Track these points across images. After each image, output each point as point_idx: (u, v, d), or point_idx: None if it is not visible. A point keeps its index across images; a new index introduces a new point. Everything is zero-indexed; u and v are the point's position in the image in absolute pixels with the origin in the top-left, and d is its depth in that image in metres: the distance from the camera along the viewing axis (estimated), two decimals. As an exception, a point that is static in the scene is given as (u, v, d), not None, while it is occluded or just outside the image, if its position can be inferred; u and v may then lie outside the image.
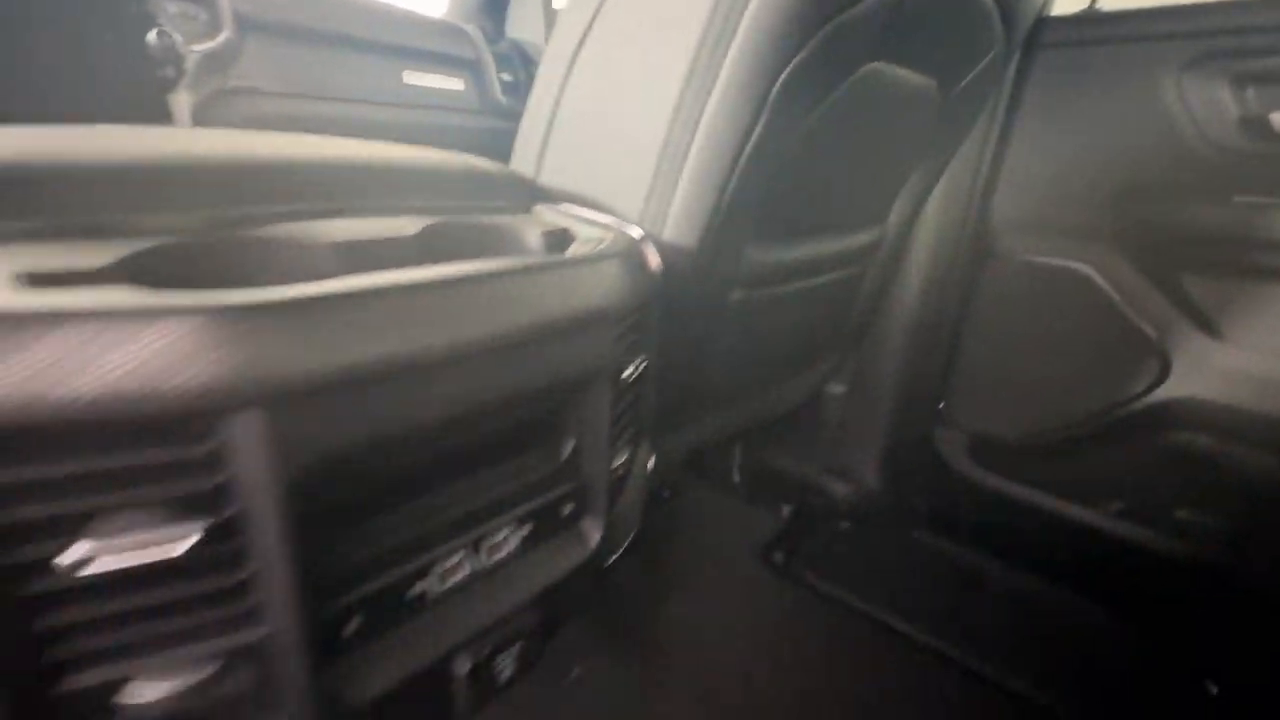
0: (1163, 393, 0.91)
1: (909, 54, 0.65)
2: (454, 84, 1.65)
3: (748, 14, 0.49)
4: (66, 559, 0.23)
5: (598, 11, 0.56)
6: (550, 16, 1.85)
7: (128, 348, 0.22)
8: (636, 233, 0.51)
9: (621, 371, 0.43)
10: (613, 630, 0.88)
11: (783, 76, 0.52)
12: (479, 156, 0.57)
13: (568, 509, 0.43)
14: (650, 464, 0.52)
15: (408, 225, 0.38)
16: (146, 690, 0.27)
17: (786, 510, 1.23)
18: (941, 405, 1.14)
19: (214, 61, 1.16)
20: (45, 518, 0.23)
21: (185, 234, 0.31)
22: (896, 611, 0.98)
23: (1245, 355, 0.86)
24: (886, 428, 1.16)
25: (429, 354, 0.29)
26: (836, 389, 1.18)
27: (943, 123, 0.83)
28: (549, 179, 0.61)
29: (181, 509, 0.25)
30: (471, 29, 1.71)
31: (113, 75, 1.02)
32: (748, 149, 0.55)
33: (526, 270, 0.34)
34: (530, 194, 0.55)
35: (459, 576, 0.37)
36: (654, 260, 0.48)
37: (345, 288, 0.27)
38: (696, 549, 1.11)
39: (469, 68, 1.67)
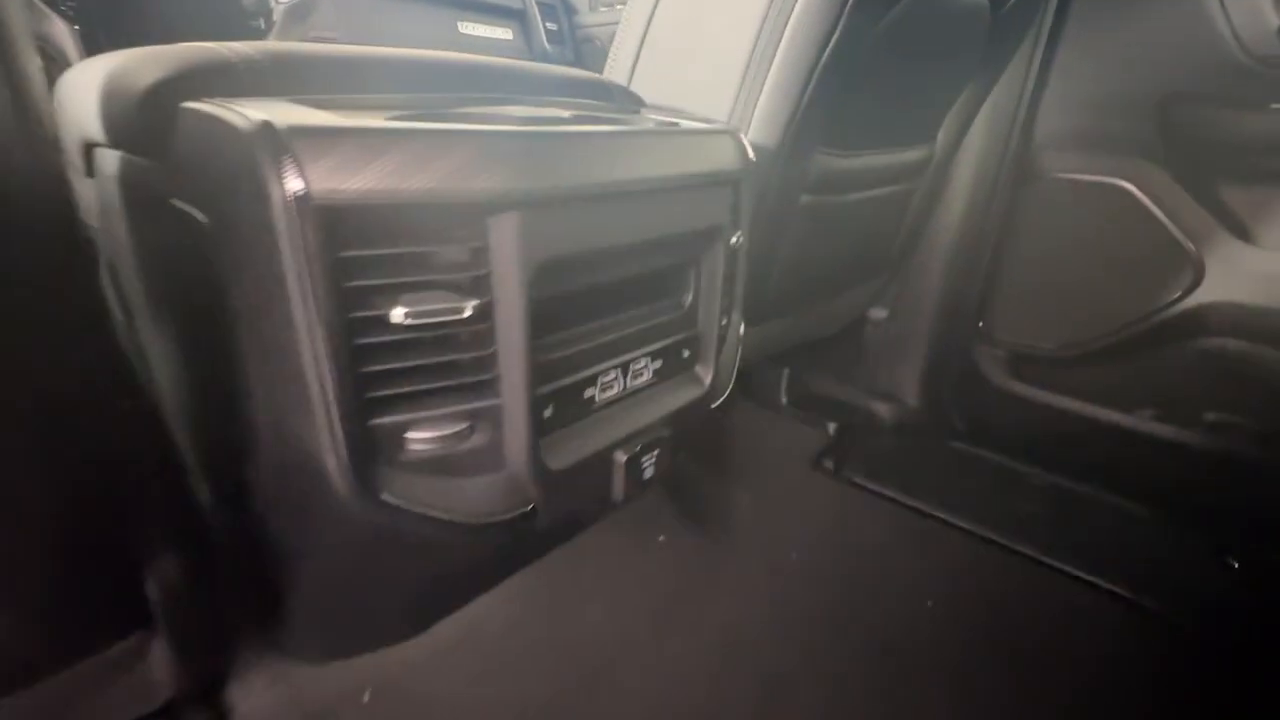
0: (1196, 298, 0.97)
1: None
2: (503, 33, 1.71)
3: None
4: (394, 316, 0.33)
5: None
6: (590, -33, 1.87)
7: (445, 157, 0.31)
8: (733, 127, 0.59)
9: (730, 237, 0.52)
10: (690, 514, 0.99)
11: (835, 37, 0.59)
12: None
13: (687, 353, 0.53)
14: (741, 331, 0.61)
15: (563, 111, 0.47)
16: (421, 435, 0.37)
17: (832, 427, 1.32)
18: (981, 323, 1.21)
19: (297, 13, 1.24)
20: (385, 285, 0.32)
21: (418, 108, 0.40)
22: (941, 505, 1.07)
23: (1277, 258, 0.92)
24: (926, 349, 1.23)
25: (616, 186, 0.38)
26: (879, 314, 1.25)
27: (991, 42, 0.89)
28: (641, 87, 0.69)
29: (460, 292, 0.35)
30: (511, -25, 1.75)
31: (211, 26, 1.11)
32: (824, 58, 0.62)
33: (673, 133, 0.43)
34: (634, 99, 0.63)
35: (613, 391, 0.47)
36: (749, 150, 0.56)
37: (571, 129, 0.36)
38: (753, 457, 1.21)
39: (517, 18, 1.73)
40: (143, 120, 0.37)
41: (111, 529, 0.41)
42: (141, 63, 0.39)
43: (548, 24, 1.78)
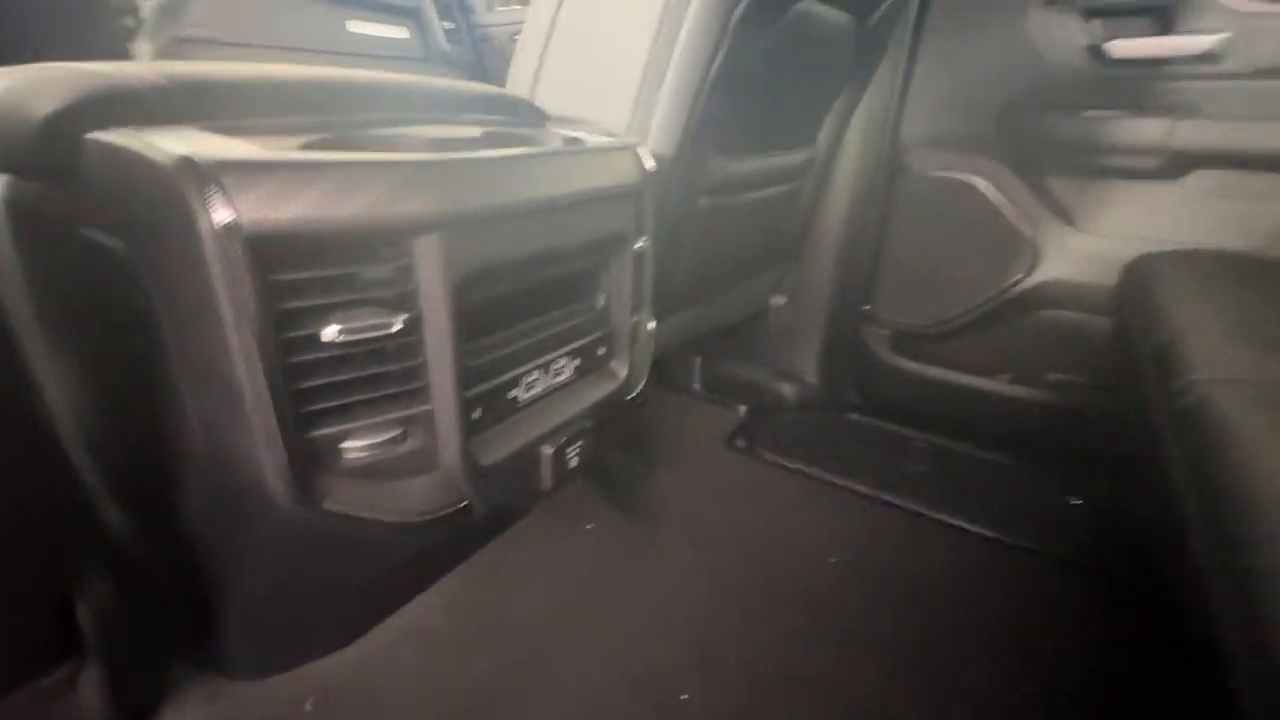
0: (1035, 277, 1.14)
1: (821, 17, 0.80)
2: (397, 32, 1.68)
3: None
4: (326, 334, 0.35)
5: None
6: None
7: (369, 186, 0.34)
8: (632, 141, 0.64)
9: (634, 243, 0.57)
10: (615, 499, 1.04)
11: (738, 10, 0.65)
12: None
13: (602, 350, 0.57)
14: (651, 326, 0.66)
15: (472, 131, 0.50)
16: (357, 444, 0.40)
17: (743, 409, 1.41)
18: (867, 306, 1.34)
19: (168, 10, 1.17)
20: (315, 306, 0.35)
21: (328, 132, 0.42)
22: (842, 473, 1.18)
23: (1096, 240, 1.09)
24: (822, 331, 1.35)
25: (528, 205, 0.42)
26: (779, 301, 1.36)
27: (860, 56, 0.99)
28: (544, 99, 0.73)
29: (389, 308, 0.38)
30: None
31: (75, 25, 1.03)
32: (713, 71, 0.69)
33: (578, 153, 0.47)
34: (538, 114, 0.67)
35: (537, 390, 0.51)
36: (649, 161, 0.61)
37: (484, 156, 0.39)
38: (671, 441, 1.28)
39: (411, 16, 1.69)
40: (44, 149, 0.37)
41: (30, 559, 0.40)
42: (36, 87, 0.38)
43: (445, 22, 1.76)
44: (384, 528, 0.42)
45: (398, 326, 0.37)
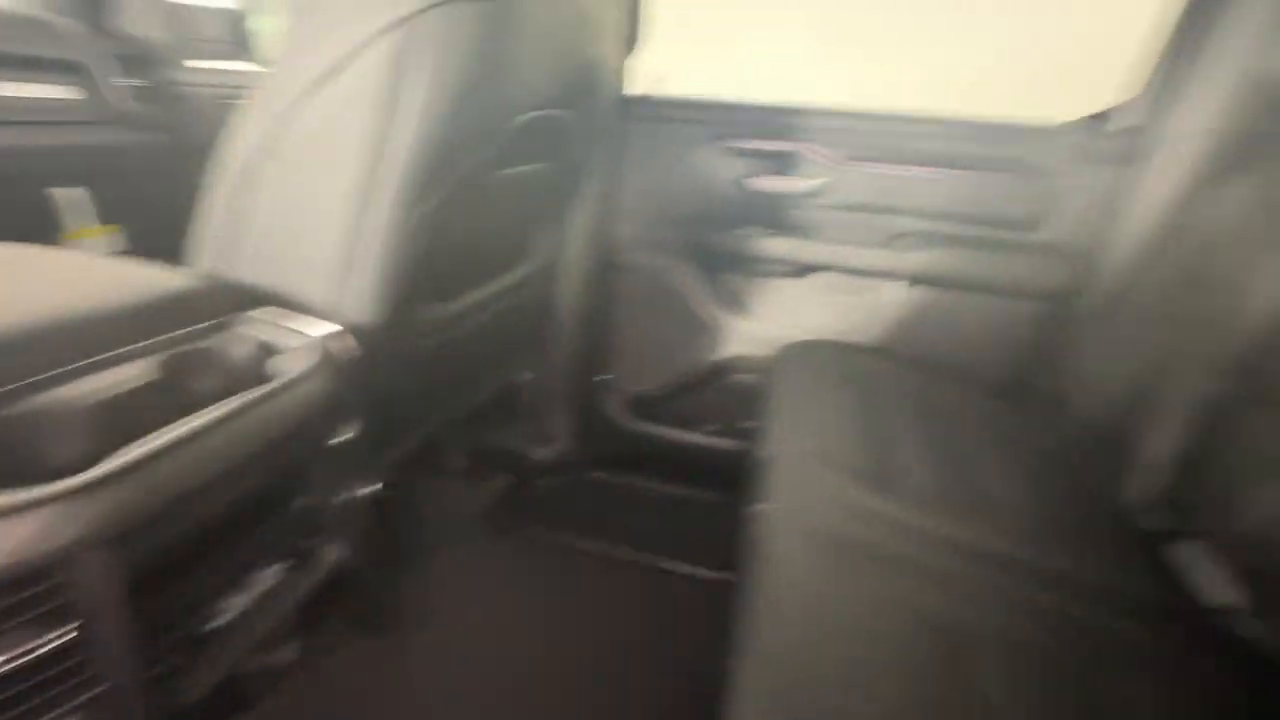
0: (725, 352, 1.41)
1: (533, 156, 0.93)
2: (64, 93, 1.45)
3: (399, 166, 0.69)
4: None
5: (283, 122, 0.69)
6: (173, 12, 1.66)
7: (11, 535, 0.36)
8: (330, 328, 0.69)
9: (338, 438, 0.63)
10: (374, 613, 1.06)
11: (433, 201, 0.74)
12: (177, 270, 0.67)
13: (312, 540, 0.62)
14: (371, 490, 0.72)
15: (143, 371, 0.51)
16: None
17: (501, 481, 1.51)
18: (607, 376, 1.53)
19: None
20: None
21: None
22: (588, 534, 1.35)
23: (761, 325, 1.39)
24: (569, 401, 1.50)
25: (189, 487, 0.46)
26: (526, 376, 1.48)
27: (562, 189, 1.14)
28: (246, 274, 0.73)
29: (48, 624, 0.40)
30: (66, 23, 1.49)
31: None
32: (414, 244, 0.76)
33: (266, 402, 0.52)
34: (231, 300, 0.68)
35: (235, 612, 0.54)
36: (348, 347, 0.67)
37: (122, 464, 0.42)
38: (433, 528, 1.33)
39: (79, 72, 1.47)
40: None
41: None
42: None
43: (132, 79, 1.55)
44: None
45: (65, 639, 0.40)
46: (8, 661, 0.38)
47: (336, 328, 0.70)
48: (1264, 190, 0.87)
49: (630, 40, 1.26)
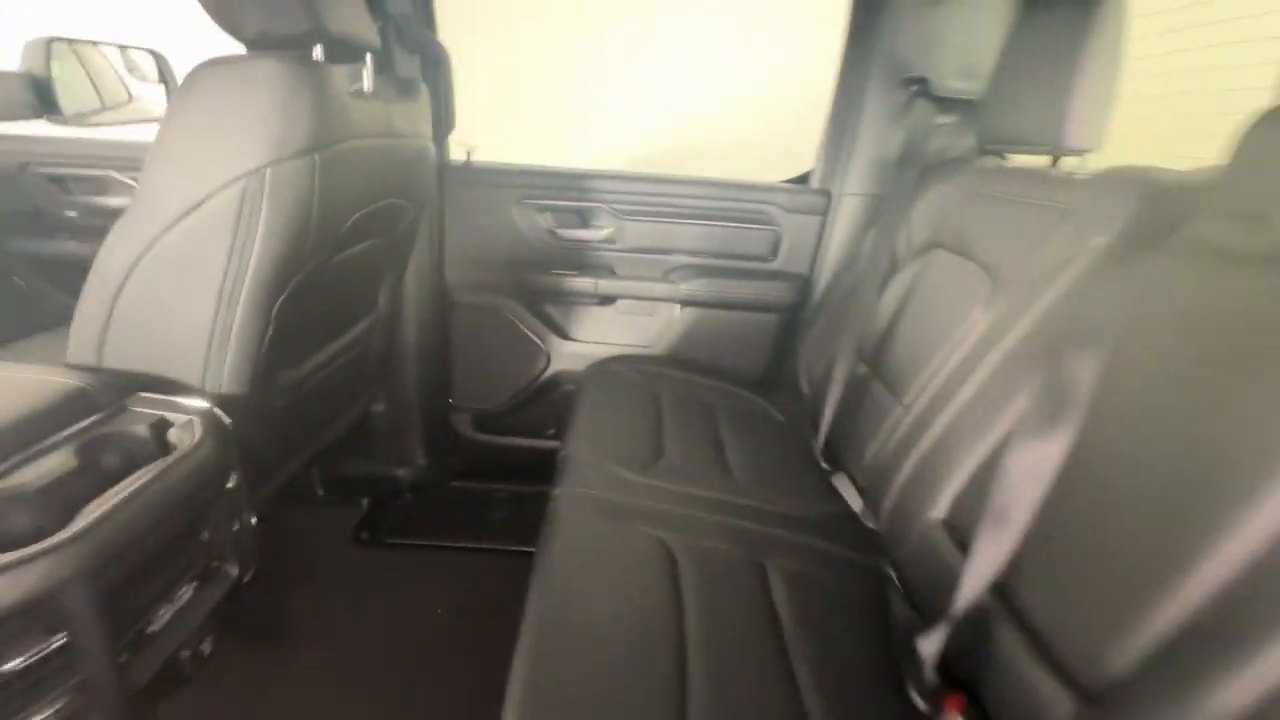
0: (551, 369, 1.71)
1: (368, 235, 1.16)
2: None
3: (252, 274, 0.89)
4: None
5: (154, 241, 0.86)
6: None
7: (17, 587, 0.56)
8: (204, 404, 0.89)
9: (226, 487, 0.84)
10: (248, 635, 1.24)
11: (283, 294, 0.95)
12: (63, 368, 0.83)
13: (214, 564, 0.83)
14: (252, 522, 0.93)
15: (65, 459, 0.70)
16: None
17: (365, 502, 1.70)
18: (450, 400, 1.77)
19: None
20: None
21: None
22: (449, 536, 1.59)
23: (576, 345, 1.71)
24: (422, 424, 1.73)
25: (134, 533, 0.67)
26: (378, 408, 1.68)
27: (397, 250, 1.37)
28: (118, 363, 0.90)
29: (46, 632, 0.60)
30: None
31: None
32: (270, 328, 0.96)
33: (166, 474, 0.73)
34: (118, 388, 0.85)
35: (168, 618, 0.75)
36: (221, 417, 0.88)
37: (87, 524, 0.62)
38: (299, 551, 1.50)
39: None
40: None
41: None
42: None
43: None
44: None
45: (58, 643, 0.60)
46: (22, 661, 0.59)
47: (206, 404, 0.89)
48: (882, 236, 1.33)
49: (446, 123, 1.51)
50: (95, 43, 1.67)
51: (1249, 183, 0.67)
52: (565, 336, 1.72)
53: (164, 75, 1.75)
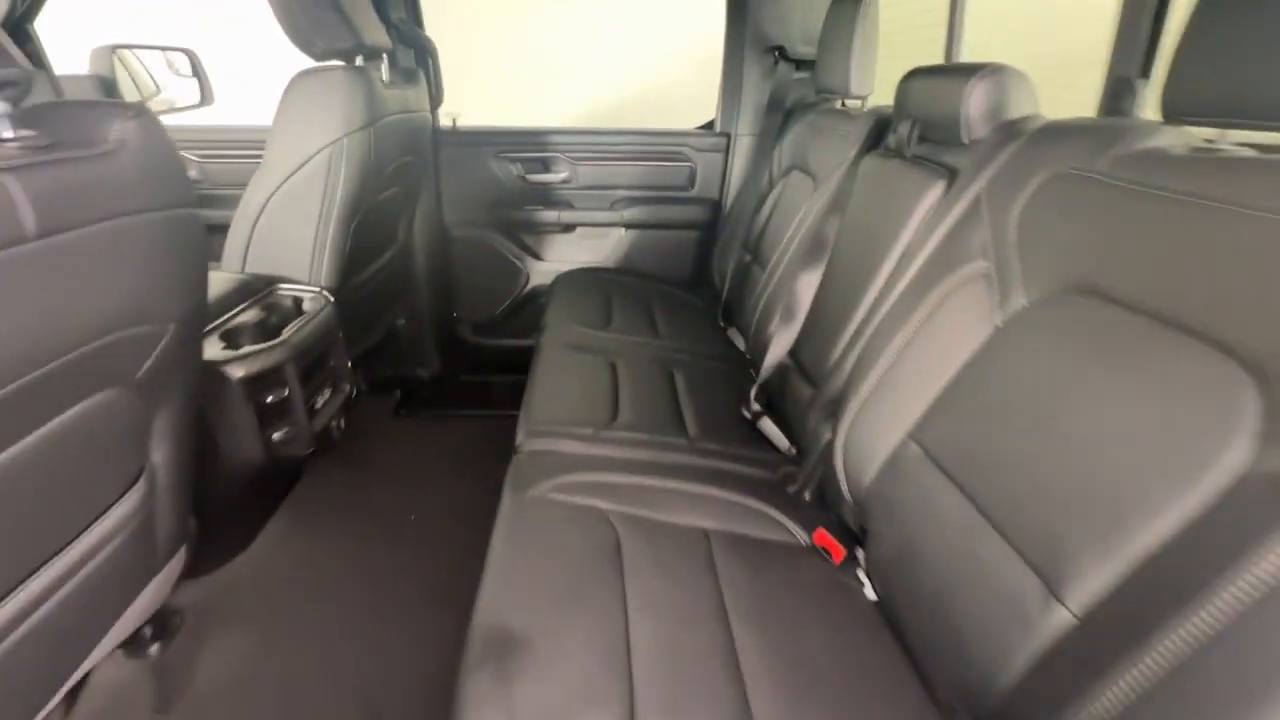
0: (531, 283, 2.26)
1: (392, 184, 1.68)
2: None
3: (338, 199, 1.42)
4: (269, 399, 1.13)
5: (277, 188, 1.37)
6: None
7: (273, 354, 1.12)
8: (317, 289, 1.43)
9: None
10: (338, 466, 1.80)
11: (353, 222, 1.48)
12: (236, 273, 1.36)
13: (336, 380, 1.40)
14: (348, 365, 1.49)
15: (256, 312, 1.25)
16: (277, 434, 1.18)
17: (397, 392, 2.25)
18: (455, 314, 2.31)
19: None
20: (267, 393, 1.12)
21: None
22: (461, 411, 2.16)
23: (547, 264, 2.25)
24: (431, 331, 2.26)
25: (307, 347, 1.23)
26: (401, 321, 2.21)
27: (409, 197, 1.89)
28: (256, 268, 1.42)
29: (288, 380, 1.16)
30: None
31: None
32: (348, 243, 1.49)
33: (315, 316, 1.28)
34: (266, 281, 1.38)
35: (321, 400, 1.32)
36: (329, 299, 1.42)
37: (287, 335, 1.18)
38: (360, 425, 2.06)
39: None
40: None
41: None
42: None
43: None
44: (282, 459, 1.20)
45: (283, 395, 1.15)
46: (272, 399, 1.15)
47: (319, 289, 1.44)
48: (759, 164, 1.88)
49: (437, 99, 2.01)
50: (143, 47, 2.12)
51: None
52: (538, 258, 2.26)
53: (196, 69, 2.20)
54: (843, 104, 1.61)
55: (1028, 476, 0.70)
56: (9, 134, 0.59)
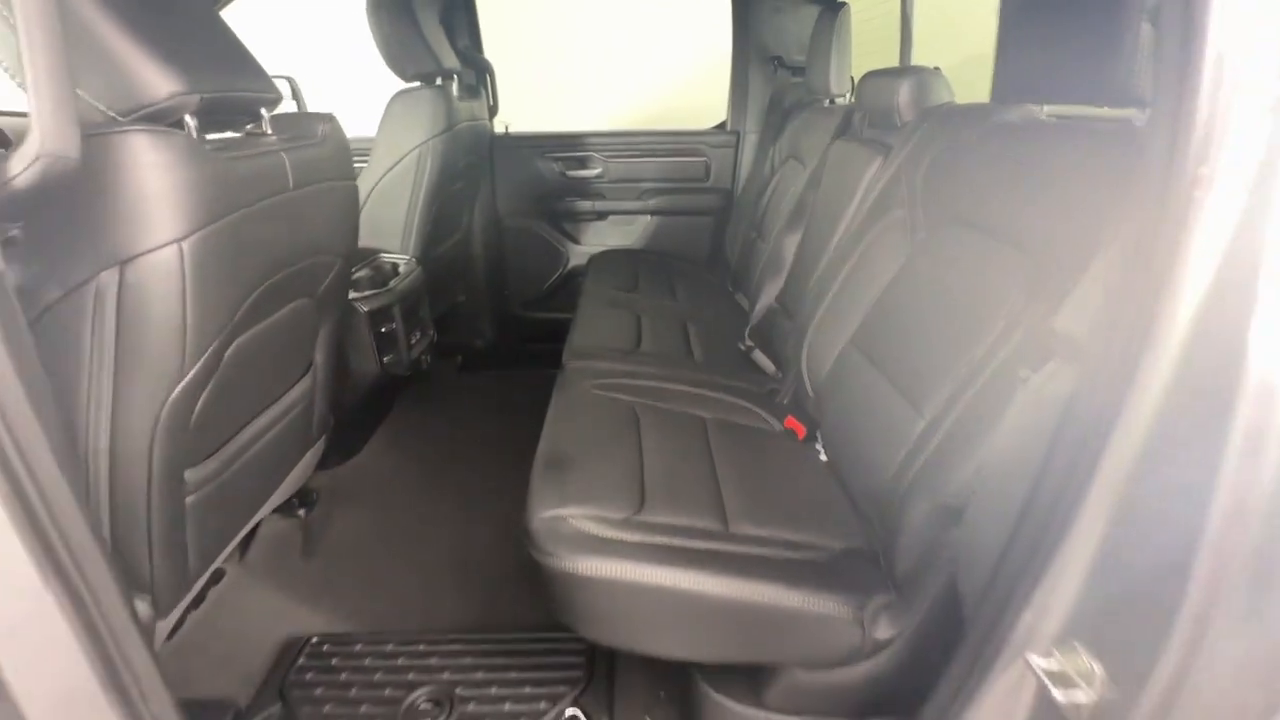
0: (569, 265, 2.65)
1: (458, 179, 2.10)
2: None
3: (425, 187, 1.84)
4: (384, 329, 1.53)
5: (378, 182, 1.80)
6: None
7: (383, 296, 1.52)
8: (408, 256, 1.84)
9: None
10: (418, 411, 2.22)
11: (434, 209, 1.89)
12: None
13: (427, 324, 1.81)
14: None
15: (369, 270, 1.67)
16: (388, 358, 1.59)
17: (459, 357, 2.67)
18: (506, 291, 2.72)
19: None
20: (384, 323, 1.53)
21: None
22: (517, 370, 2.56)
23: (584, 246, 2.64)
24: (488, 306, 2.68)
25: (410, 293, 1.63)
26: (461, 298, 2.63)
27: (469, 190, 2.31)
28: (363, 239, 1.84)
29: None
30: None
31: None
32: (429, 224, 1.90)
33: (408, 276, 1.68)
34: (373, 249, 1.80)
35: (419, 334, 1.73)
36: (416, 264, 1.83)
37: (396, 281, 1.59)
38: (431, 380, 2.48)
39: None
40: None
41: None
42: None
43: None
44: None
45: (392, 327, 1.56)
46: (385, 330, 1.55)
47: (409, 257, 1.85)
48: (762, 158, 2.24)
49: (494, 110, 2.43)
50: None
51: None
52: (576, 242, 2.66)
53: (296, 94, 2.67)
54: (830, 101, 1.95)
55: (908, 341, 1.05)
56: (269, 131, 0.99)
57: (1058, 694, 0.62)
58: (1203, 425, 0.45)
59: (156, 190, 0.73)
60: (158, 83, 0.76)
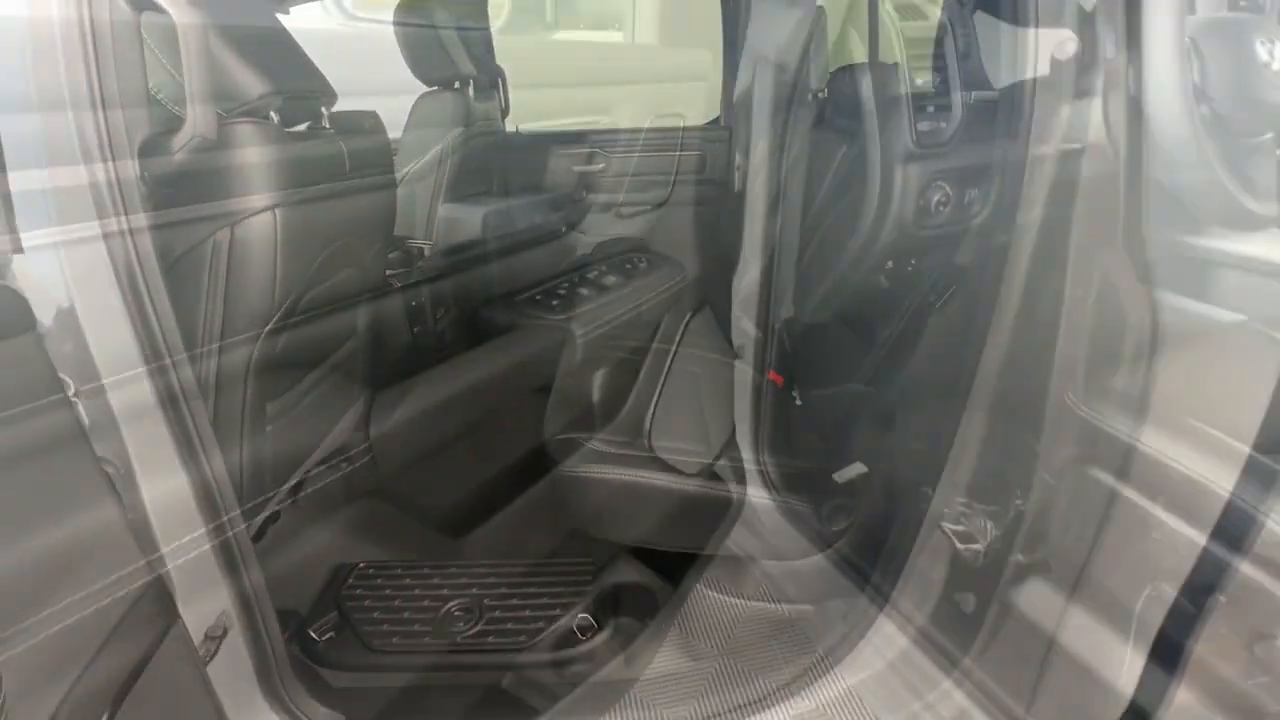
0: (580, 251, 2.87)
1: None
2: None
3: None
4: None
5: (414, 166, 2.02)
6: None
7: None
8: (431, 242, 2.05)
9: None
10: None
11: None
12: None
13: None
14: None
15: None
16: None
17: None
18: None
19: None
20: None
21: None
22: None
23: (593, 237, 2.85)
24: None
25: None
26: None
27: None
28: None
29: None
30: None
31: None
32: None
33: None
34: (401, 237, 2.01)
35: None
36: (437, 250, 2.04)
37: None
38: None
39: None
40: None
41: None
42: None
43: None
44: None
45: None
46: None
47: (432, 242, 2.06)
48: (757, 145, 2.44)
49: (506, 111, 2.66)
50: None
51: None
52: (582, 232, 2.86)
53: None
54: (812, 97, 2.15)
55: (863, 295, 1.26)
56: (328, 125, 1.21)
57: (962, 548, 0.83)
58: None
59: (257, 167, 0.93)
60: (253, 85, 0.98)
